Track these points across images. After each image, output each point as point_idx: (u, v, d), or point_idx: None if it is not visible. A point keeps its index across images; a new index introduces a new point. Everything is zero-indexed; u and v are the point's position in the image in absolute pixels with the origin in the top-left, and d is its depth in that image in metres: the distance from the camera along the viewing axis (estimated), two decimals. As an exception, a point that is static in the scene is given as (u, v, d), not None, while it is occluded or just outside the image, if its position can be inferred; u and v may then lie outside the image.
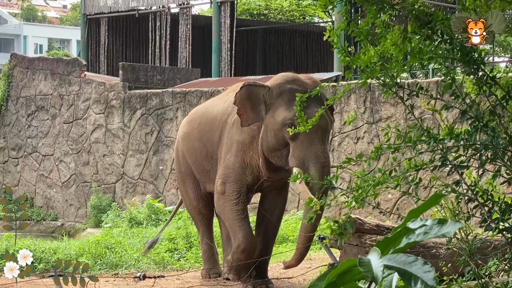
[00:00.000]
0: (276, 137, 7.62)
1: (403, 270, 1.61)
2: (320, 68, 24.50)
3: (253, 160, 7.96)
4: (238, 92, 7.76)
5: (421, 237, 1.68)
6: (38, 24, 61.31)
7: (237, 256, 7.99)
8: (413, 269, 1.60)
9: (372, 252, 1.64)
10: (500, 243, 5.62)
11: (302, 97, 4.97)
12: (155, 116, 15.97)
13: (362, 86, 4.57)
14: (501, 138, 4.31)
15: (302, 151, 7.44)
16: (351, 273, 1.64)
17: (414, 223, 1.68)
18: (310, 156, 7.40)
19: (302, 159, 7.42)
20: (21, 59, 18.99)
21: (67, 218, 17.56)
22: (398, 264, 1.62)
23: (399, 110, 12.51)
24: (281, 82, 7.79)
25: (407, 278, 1.60)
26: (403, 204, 12.12)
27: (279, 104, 7.64)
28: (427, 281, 1.57)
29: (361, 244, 7.12)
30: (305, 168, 7.31)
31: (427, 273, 1.58)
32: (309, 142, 7.43)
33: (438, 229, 1.67)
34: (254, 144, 7.94)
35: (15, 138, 18.57)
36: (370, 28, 4.46)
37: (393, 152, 4.31)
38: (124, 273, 9.60)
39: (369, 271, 1.56)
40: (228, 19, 20.11)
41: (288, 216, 12.64)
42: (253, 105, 7.75)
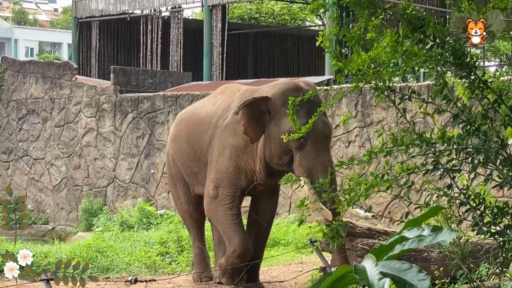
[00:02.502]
0: (280, 145, 7.60)
1: (397, 277, 1.60)
2: (312, 72, 24.50)
3: (247, 165, 7.94)
4: (240, 112, 7.69)
5: (415, 244, 1.67)
6: (29, 27, 61.13)
7: (231, 260, 7.98)
8: (407, 277, 1.59)
9: (367, 259, 1.63)
10: (491, 246, 5.63)
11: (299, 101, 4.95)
12: (146, 120, 15.94)
13: (354, 90, 4.57)
14: (493, 142, 4.32)
15: (309, 162, 7.49)
16: (346, 279, 1.63)
17: (411, 232, 1.68)
18: (318, 166, 7.46)
19: (310, 169, 7.47)
20: (12, 63, 18.94)
21: (58, 222, 17.51)
22: (393, 271, 1.61)
23: (390, 113, 12.52)
24: (284, 90, 7.76)
25: (401, 286, 1.59)
26: (394, 208, 12.13)
27: (283, 113, 7.57)
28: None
29: (353, 247, 7.11)
30: (313, 177, 7.34)
31: (421, 281, 1.57)
32: (316, 152, 7.49)
33: (433, 237, 1.67)
34: (249, 149, 7.92)
35: (6, 142, 18.51)
36: (362, 33, 4.46)
37: (385, 156, 4.31)
38: (116, 277, 9.58)
39: (365, 279, 1.56)
40: (220, 22, 20.09)
41: (279, 220, 12.62)
42: (258, 119, 7.73)
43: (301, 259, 10.37)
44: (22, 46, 57.52)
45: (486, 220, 4.50)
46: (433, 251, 6.85)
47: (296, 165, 7.54)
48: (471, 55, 4.39)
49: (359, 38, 4.45)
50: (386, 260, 1.68)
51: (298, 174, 7.47)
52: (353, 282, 1.70)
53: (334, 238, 4.43)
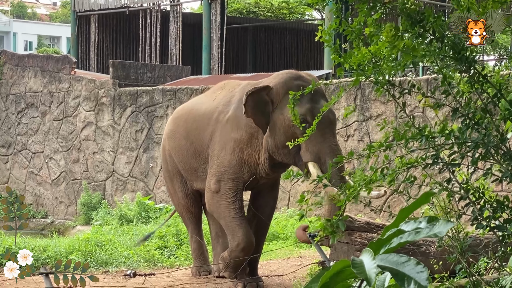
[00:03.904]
0: (285, 134, 7.60)
1: (395, 270, 1.59)
2: (311, 66, 24.49)
3: (251, 158, 7.94)
4: (245, 104, 7.70)
5: (412, 237, 1.67)
6: (28, 21, 61.01)
7: (235, 254, 7.98)
8: (406, 270, 1.59)
9: (364, 253, 1.63)
10: (490, 240, 5.63)
11: (304, 92, 4.96)
12: (145, 114, 15.93)
13: (354, 84, 4.57)
14: (493, 136, 4.32)
15: (316, 146, 7.49)
16: (344, 273, 1.63)
17: (408, 225, 1.68)
18: (326, 150, 7.48)
19: (317, 153, 7.49)
20: (11, 56, 18.92)
21: (57, 215, 17.51)
22: (391, 264, 1.61)
23: (389, 108, 12.52)
24: (287, 79, 7.80)
25: (400, 279, 1.59)
26: (393, 202, 12.13)
27: (286, 101, 7.59)
28: (420, 281, 1.56)
29: (352, 242, 7.11)
30: (321, 162, 7.42)
31: (420, 274, 1.57)
32: (322, 136, 7.48)
33: (429, 229, 1.66)
34: (253, 142, 7.92)
35: (4, 135, 18.50)
36: (361, 27, 4.46)
37: (385, 150, 4.31)
38: (114, 270, 9.58)
39: (362, 273, 1.55)
40: (219, 16, 20.07)
41: (278, 214, 12.63)
42: (262, 110, 7.74)
43: (299, 253, 10.38)
44: (21, 39, 57.44)
45: (486, 214, 4.50)
46: (431, 245, 6.85)
47: (303, 151, 7.54)
48: (470, 49, 4.38)
49: (359, 32, 4.45)
50: (384, 253, 1.68)
51: (305, 159, 7.51)
52: (351, 276, 1.70)
53: (334, 233, 4.43)
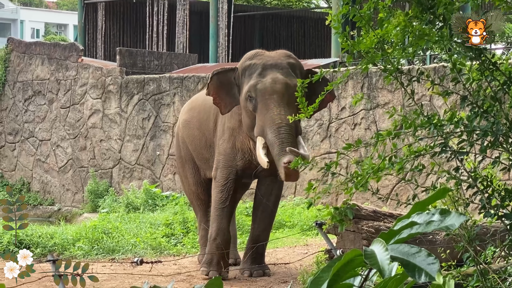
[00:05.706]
0: (247, 114, 7.66)
1: (406, 261, 1.58)
2: (318, 54, 24.43)
3: (244, 145, 7.97)
4: (209, 83, 7.80)
5: (423, 228, 1.65)
6: (35, 8, 60.97)
7: (210, 247, 8.02)
8: (417, 261, 1.58)
9: (376, 243, 1.61)
10: (498, 229, 5.61)
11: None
12: (152, 102, 15.92)
13: (363, 71, 4.54)
14: (502, 124, 4.29)
15: (261, 119, 7.47)
16: (354, 263, 1.62)
17: (420, 217, 1.66)
18: (267, 121, 7.40)
19: (262, 126, 7.45)
20: (18, 44, 18.91)
21: (63, 203, 17.54)
22: (402, 255, 1.59)
23: (396, 96, 12.48)
24: (243, 61, 7.86)
25: (410, 270, 1.57)
26: (400, 190, 12.11)
27: (243, 81, 7.71)
28: (431, 273, 1.55)
29: (358, 230, 7.10)
30: (264, 134, 7.39)
31: (431, 265, 1.56)
32: (265, 109, 7.46)
33: (441, 221, 1.65)
34: (242, 128, 7.96)
35: (12, 123, 18.52)
36: (371, 13, 4.42)
37: (393, 138, 4.29)
38: (121, 258, 9.60)
39: (375, 264, 1.54)
40: (226, 4, 20.02)
41: (284, 202, 12.63)
42: (227, 90, 7.79)
43: (306, 241, 10.37)
44: (28, 27, 57.44)
45: (493, 202, 4.48)
46: (438, 234, 6.83)
47: (255, 127, 7.55)
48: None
49: (369, 18, 4.41)
50: (394, 243, 1.67)
51: (255, 134, 7.52)
52: (361, 265, 1.68)
53: (342, 221, 4.41)
